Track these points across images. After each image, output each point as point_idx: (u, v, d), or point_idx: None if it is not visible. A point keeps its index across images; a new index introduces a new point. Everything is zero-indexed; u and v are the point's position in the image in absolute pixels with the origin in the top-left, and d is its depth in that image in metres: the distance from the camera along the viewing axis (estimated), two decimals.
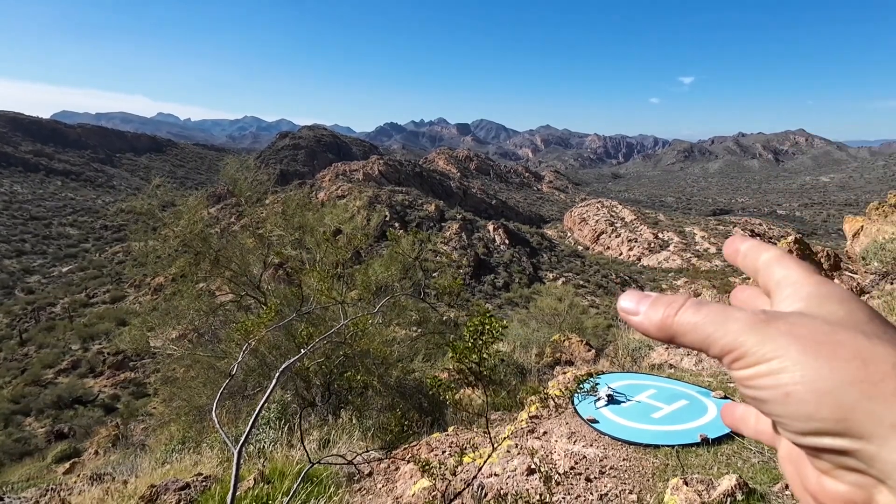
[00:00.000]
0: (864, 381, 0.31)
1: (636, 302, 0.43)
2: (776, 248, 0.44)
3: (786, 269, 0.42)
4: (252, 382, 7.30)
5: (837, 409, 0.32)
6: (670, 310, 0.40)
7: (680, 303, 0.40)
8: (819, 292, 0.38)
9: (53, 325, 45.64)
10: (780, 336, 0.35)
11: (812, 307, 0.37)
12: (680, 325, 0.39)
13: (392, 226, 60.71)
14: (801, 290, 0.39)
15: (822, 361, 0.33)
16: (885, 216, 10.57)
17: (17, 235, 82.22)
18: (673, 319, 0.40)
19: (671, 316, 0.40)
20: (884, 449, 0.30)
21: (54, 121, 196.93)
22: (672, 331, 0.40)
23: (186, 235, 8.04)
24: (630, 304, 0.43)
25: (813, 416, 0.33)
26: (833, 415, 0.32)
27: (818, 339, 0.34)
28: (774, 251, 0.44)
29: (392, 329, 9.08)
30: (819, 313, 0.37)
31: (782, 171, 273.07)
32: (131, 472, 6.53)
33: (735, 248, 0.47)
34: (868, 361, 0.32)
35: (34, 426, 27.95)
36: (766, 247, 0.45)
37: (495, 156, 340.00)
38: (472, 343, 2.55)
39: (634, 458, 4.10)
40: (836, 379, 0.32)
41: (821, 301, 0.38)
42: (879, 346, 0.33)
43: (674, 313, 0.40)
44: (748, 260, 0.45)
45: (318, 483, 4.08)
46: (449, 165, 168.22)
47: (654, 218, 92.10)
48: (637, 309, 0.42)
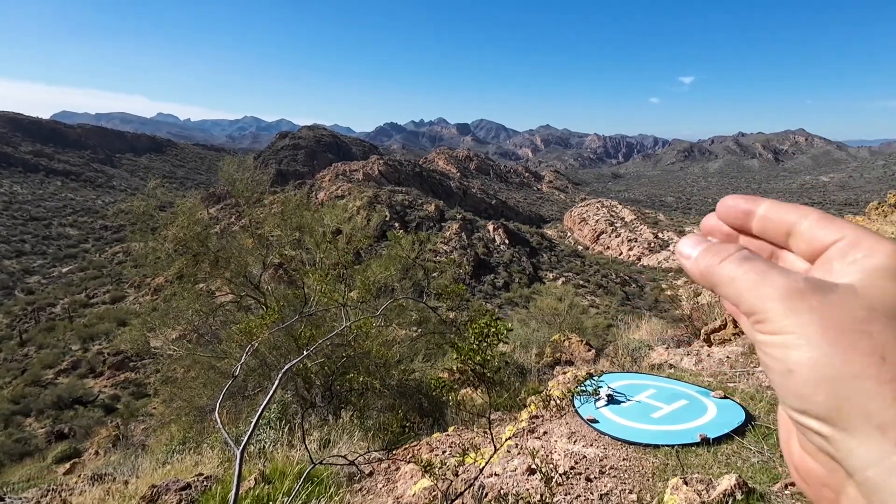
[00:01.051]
0: (871, 378, 0.31)
1: (692, 246, 0.42)
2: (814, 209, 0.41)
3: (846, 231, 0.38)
4: (252, 383, 7.31)
5: (833, 398, 0.32)
6: (716, 258, 0.39)
7: (727, 253, 0.39)
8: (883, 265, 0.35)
9: (53, 325, 45.67)
10: (806, 312, 0.34)
11: (869, 282, 0.35)
12: (720, 275, 0.39)
13: (392, 226, 60.74)
14: (870, 261, 0.36)
15: (837, 349, 0.32)
16: (885, 216, 10.58)
17: (17, 236, 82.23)
18: (715, 269, 0.39)
19: (714, 265, 0.39)
20: (861, 446, 0.31)
21: (54, 121, 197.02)
22: (712, 280, 0.39)
23: (184, 237, 8.04)
24: (686, 247, 0.43)
25: (807, 399, 0.33)
26: (826, 402, 0.32)
27: (845, 326, 0.33)
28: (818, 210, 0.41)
29: (392, 329, 9.09)
30: (871, 292, 0.34)
31: (782, 170, 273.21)
32: (132, 472, 6.54)
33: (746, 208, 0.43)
34: (888, 360, 0.31)
35: (34, 426, 27.96)
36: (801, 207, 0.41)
37: (495, 156, 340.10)
38: (477, 345, 2.55)
39: (634, 457, 4.11)
40: (843, 370, 0.32)
41: (884, 277, 0.35)
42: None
43: (717, 262, 0.39)
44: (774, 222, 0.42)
45: (318, 483, 4.09)
46: (449, 165, 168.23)
47: (654, 218, 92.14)
48: (691, 253, 0.42)
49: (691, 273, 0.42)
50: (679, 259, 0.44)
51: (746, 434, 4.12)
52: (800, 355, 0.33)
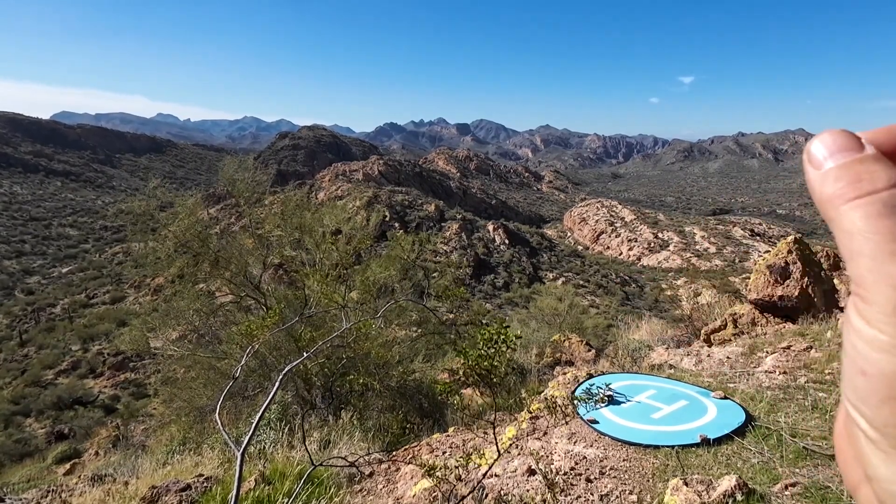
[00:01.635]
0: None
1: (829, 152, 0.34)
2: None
3: None
4: (252, 383, 7.31)
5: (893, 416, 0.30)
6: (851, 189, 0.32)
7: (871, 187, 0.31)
8: None
9: (53, 325, 45.64)
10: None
11: None
12: (841, 217, 0.32)
13: (392, 226, 60.74)
14: None
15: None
16: None
17: (16, 236, 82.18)
18: (843, 204, 0.32)
19: (845, 198, 0.32)
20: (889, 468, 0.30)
21: (54, 121, 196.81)
22: (831, 215, 0.33)
23: (183, 237, 8.04)
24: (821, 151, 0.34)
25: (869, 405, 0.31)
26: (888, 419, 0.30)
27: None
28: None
29: (392, 329, 9.09)
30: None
31: (782, 170, 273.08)
32: (132, 472, 6.53)
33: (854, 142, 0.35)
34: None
35: (34, 427, 27.95)
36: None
37: (495, 156, 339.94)
38: (485, 351, 2.56)
39: (634, 458, 4.11)
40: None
41: None
42: None
43: (851, 197, 0.32)
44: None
45: (318, 484, 4.09)
46: (449, 165, 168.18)
47: (654, 218, 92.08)
48: (822, 162, 0.34)
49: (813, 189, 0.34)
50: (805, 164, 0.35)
51: (747, 435, 4.12)
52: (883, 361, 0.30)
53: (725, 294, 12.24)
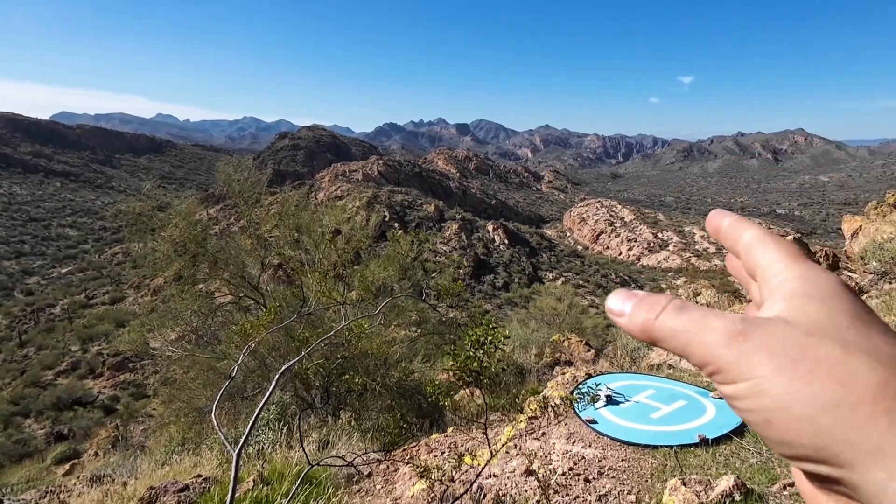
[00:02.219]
0: (840, 406, 0.30)
1: (622, 302, 0.41)
2: (757, 227, 0.42)
3: (768, 255, 0.39)
4: (251, 384, 7.30)
5: (816, 437, 0.31)
6: (651, 313, 0.38)
7: (662, 305, 0.38)
8: (802, 290, 0.36)
9: (53, 326, 45.63)
10: (756, 353, 0.33)
11: (794, 309, 0.35)
12: (660, 330, 0.38)
13: (391, 226, 60.72)
14: (786, 286, 0.37)
15: (799, 384, 0.31)
16: (884, 216, 10.58)
17: (16, 237, 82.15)
18: (653, 324, 0.38)
19: (652, 320, 0.38)
20: (865, 477, 0.29)
21: (53, 122, 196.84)
22: (653, 335, 0.38)
23: (181, 237, 8.03)
24: (616, 304, 0.41)
25: (793, 444, 0.32)
26: (812, 442, 0.31)
27: (794, 357, 0.32)
28: (755, 230, 0.42)
29: (392, 329, 9.08)
30: (800, 318, 0.34)
31: (781, 170, 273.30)
32: (131, 473, 6.53)
33: (717, 224, 0.45)
34: (844, 382, 0.30)
35: (34, 427, 27.94)
36: (747, 224, 0.42)
37: (495, 156, 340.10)
38: (473, 352, 2.55)
39: (633, 458, 4.10)
40: (813, 404, 0.31)
41: (801, 301, 0.35)
42: (856, 362, 0.31)
43: (654, 317, 0.38)
44: (729, 238, 0.43)
45: (317, 484, 4.08)
46: (448, 165, 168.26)
47: (654, 218, 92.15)
48: (622, 310, 0.40)
49: (630, 331, 0.40)
50: (612, 318, 0.42)
51: (745, 435, 4.11)
52: (771, 400, 0.32)
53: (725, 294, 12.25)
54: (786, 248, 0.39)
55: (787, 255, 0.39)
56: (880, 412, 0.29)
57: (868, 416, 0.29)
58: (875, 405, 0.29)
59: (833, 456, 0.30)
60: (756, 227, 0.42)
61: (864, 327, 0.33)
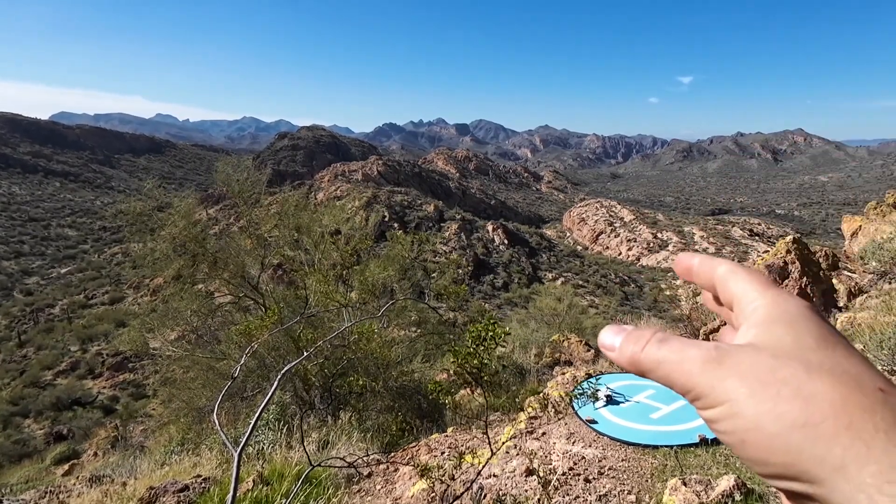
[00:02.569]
0: (805, 424, 0.31)
1: (613, 336, 0.43)
2: (727, 261, 0.45)
3: (740, 284, 0.42)
4: (251, 384, 7.30)
5: (786, 455, 0.32)
6: (637, 346, 0.41)
7: (646, 339, 0.41)
8: (770, 316, 0.38)
9: (52, 326, 45.58)
10: (729, 377, 0.35)
11: (763, 334, 0.38)
12: (646, 362, 0.40)
13: (391, 226, 60.71)
14: (757, 314, 0.39)
15: (769, 405, 0.33)
16: (884, 216, 10.59)
17: (15, 237, 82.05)
18: (639, 356, 0.40)
19: (638, 352, 0.40)
20: (833, 493, 0.31)
21: (53, 122, 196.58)
22: (640, 367, 0.40)
23: (179, 239, 8.02)
24: (608, 339, 0.44)
25: (767, 462, 0.33)
26: (783, 460, 0.32)
27: (763, 379, 0.34)
28: (727, 264, 0.44)
29: (391, 330, 9.08)
30: (768, 343, 0.37)
31: (781, 170, 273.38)
32: (130, 473, 6.52)
33: (687, 265, 0.47)
34: (808, 400, 0.32)
35: (33, 428, 27.91)
36: (718, 260, 0.45)
37: (494, 156, 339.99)
38: (474, 349, 2.54)
39: (633, 458, 4.10)
40: (781, 423, 0.32)
41: (770, 327, 0.38)
42: (818, 381, 0.33)
43: (640, 349, 0.40)
44: (702, 275, 0.46)
45: (317, 484, 4.08)
46: (448, 166, 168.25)
47: (653, 218, 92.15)
48: (613, 344, 0.43)
49: (620, 364, 0.42)
50: (604, 352, 0.44)
51: None
52: (744, 422, 0.34)
53: None
54: (757, 278, 0.42)
55: (759, 284, 0.41)
56: (842, 427, 0.31)
57: (831, 432, 0.31)
58: (837, 421, 0.31)
59: (803, 472, 0.32)
60: (727, 262, 0.44)
61: (828, 348, 0.35)
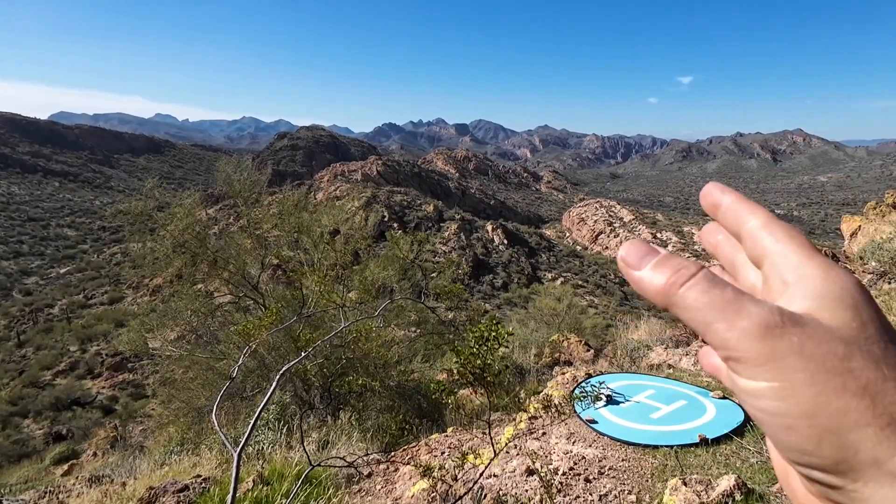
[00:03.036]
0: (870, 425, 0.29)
1: (641, 256, 0.38)
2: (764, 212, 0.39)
3: (779, 244, 0.37)
4: (251, 384, 7.29)
5: (839, 451, 0.30)
6: (678, 277, 0.35)
7: (690, 272, 0.35)
8: (830, 291, 0.34)
9: (51, 326, 45.54)
10: (790, 356, 0.31)
11: (825, 312, 0.33)
12: (683, 299, 0.35)
13: (391, 226, 60.72)
14: (811, 284, 0.34)
15: (832, 397, 0.30)
16: (883, 216, 10.60)
17: (14, 237, 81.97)
18: (677, 290, 0.35)
19: (676, 284, 0.35)
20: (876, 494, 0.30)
21: (52, 122, 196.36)
22: (672, 301, 0.35)
23: (181, 237, 8.02)
24: (633, 256, 0.38)
25: (812, 453, 0.31)
26: (834, 455, 0.30)
27: (829, 367, 0.31)
28: (763, 215, 0.39)
29: (391, 330, 9.08)
30: (833, 322, 0.32)
31: (780, 170, 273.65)
32: (130, 473, 6.51)
33: (716, 199, 0.42)
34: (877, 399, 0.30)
35: (32, 428, 27.88)
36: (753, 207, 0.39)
37: (494, 156, 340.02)
38: (477, 349, 2.54)
39: (633, 458, 4.10)
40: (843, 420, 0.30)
41: (832, 304, 0.33)
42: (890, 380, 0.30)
43: (680, 283, 0.35)
44: (729, 217, 0.40)
45: (317, 484, 4.08)
46: (447, 166, 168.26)
47: (653, 218, 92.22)
48: (640, 263, 0.37)
49: (644, 288, 0.37)
50: (624, 268, 0.39)
51: (745, 434, 4.11)
52: (797, 408, 0.31)
53: None
54: (799, 241, 0.37)
55: (802, 248, 0.36)
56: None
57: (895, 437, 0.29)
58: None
59: (851, 469, 0.30)
60: (763, 212, 0.39)
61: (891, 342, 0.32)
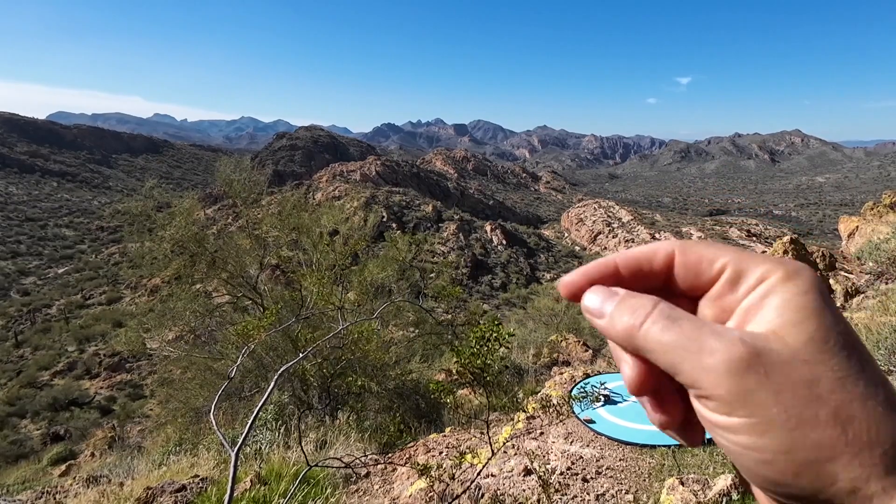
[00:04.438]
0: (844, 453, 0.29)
1: (601, 302, 0.36)
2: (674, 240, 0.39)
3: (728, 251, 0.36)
4: (249, 384, 7.29)
5: (818, 481, 0.30)
6: (635, 318, 0.34)
7: (647, 311, 0.34)
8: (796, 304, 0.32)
9: (49, 326, 45.48)
10: (759, 390, 0.30)
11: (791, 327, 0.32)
12: (646, 340, 0.33)
13: (389, 226, 60.71)
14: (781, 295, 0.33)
15: (807, 430, 0.30)
16: (880, 216, 10.63)
17: (12, 237, 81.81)
18: (637, 332, 0.34)
19: (636, 327, 0.34)
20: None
21: (50, 121, 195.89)
22: (637, 345, 0.34)
23: (180, 237, 8.02)
24: (594, 303, 0.36)
25: (791, 485, 0.31)
26: (812, 486, 0.30)
27: (801, 397, 0.30)
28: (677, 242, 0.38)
29: (389, 330, 9.08)
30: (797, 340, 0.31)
31: (778, 171, 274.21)
32: (127, 474, 6.50)
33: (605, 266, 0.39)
34: (847, 426, 0.29)
35: (30, 428, 27.83)
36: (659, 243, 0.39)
37: (492, 156, 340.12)
38: (478, 349, 2.55)
39: (631, 458, 4.11)
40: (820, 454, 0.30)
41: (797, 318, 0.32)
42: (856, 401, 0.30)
43: (639, 325, 0.34)
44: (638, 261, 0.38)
45: (315, 484, 4.08)
46: (446, 166, 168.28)
47: (651, 218, 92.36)
48: (602, 310, 0.36)
49: (609, 336, 0.36)
50: (589, 318, 0.37)
51: None
52: (771, 443, 0.30)
53: None
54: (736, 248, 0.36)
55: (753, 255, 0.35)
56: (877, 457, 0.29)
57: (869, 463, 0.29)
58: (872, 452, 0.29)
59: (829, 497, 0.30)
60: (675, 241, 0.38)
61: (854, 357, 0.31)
